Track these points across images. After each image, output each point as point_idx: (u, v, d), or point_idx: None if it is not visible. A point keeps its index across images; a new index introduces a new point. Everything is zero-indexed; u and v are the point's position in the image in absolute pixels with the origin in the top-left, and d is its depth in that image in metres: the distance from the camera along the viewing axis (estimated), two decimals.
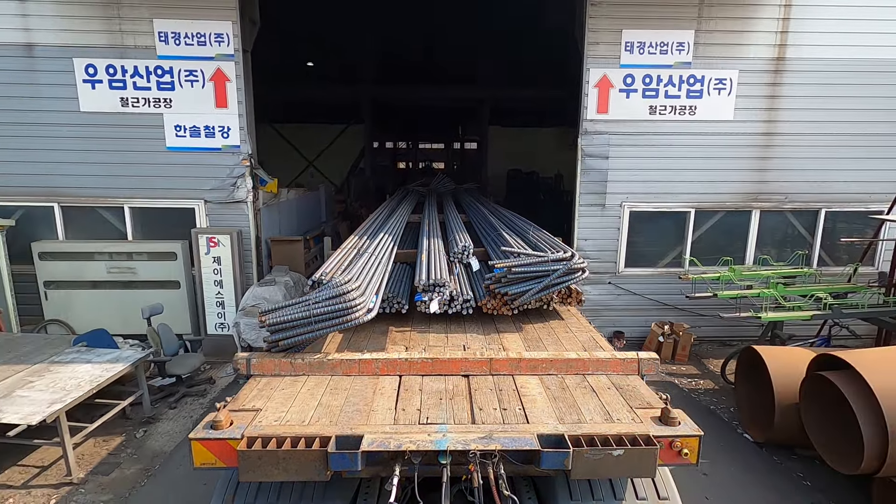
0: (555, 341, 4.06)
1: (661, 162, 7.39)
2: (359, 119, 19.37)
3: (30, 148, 6.97)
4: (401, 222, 6.63)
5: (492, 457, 2.57)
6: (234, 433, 2.69)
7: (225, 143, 7.05)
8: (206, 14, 6.70)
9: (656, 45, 7.08)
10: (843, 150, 7.43)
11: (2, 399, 4.50)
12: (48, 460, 4.98)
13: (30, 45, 6.72)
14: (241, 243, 7.21)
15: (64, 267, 7.13)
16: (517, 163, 19.90)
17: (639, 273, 7.72)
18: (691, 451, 2.73)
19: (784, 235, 7.81)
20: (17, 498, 4.44)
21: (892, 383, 3.83)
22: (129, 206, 7.22)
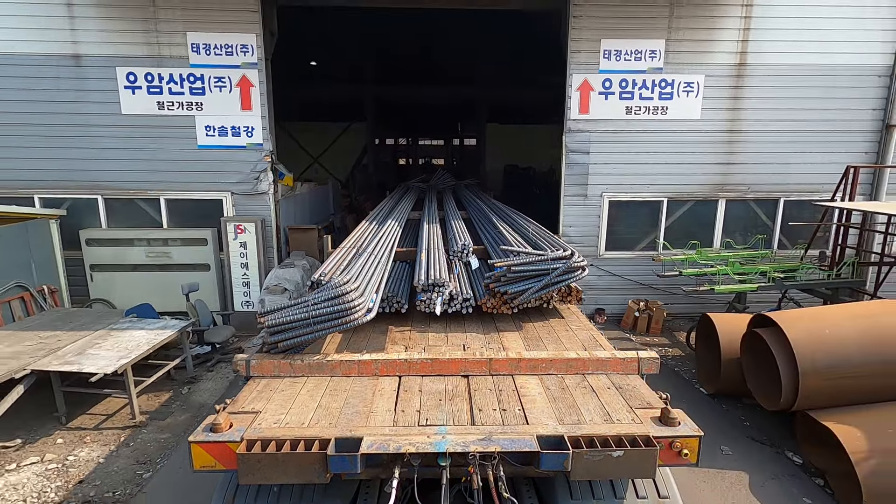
0: (555, 340, 4.05)
1: (637, 156, 8.30)
2: (361, 117, 20.26)
3: (76, 147, 7.87)
4: (400, 220, 6.77)
5: (491, 458, 2.57)
6: (233, 436, 2.69)
7: (249, 141, 7.96)
8: (233, 28, 7.60)
9: (631, 52, 7.97)
10: (798, 146, 8.33)
11: (78, 356, 5.43)
12: (111, 410, 5.92)
13: (78, 56, 7.61)
14: (265, 230, 8.14)
15: (107, 252, 8.06)
16: (514, 158, 20.78)
17: (617, 256, 8.64)
18: (691, 452, 2.72)
19: (747, 222, 8.73)
20: (92, 436, 5.38)
21: (803, 334, 4.76)
22: (165, 197, 8.13)
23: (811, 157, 8.35)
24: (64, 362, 5.27)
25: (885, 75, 8.12)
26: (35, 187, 7.95)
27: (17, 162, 7.85)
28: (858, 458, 4.05)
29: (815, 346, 4.69)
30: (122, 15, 7.50)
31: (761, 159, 8.38)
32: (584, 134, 8.22)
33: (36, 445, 5.18)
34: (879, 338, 4.58)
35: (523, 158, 20.54)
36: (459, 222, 6.40)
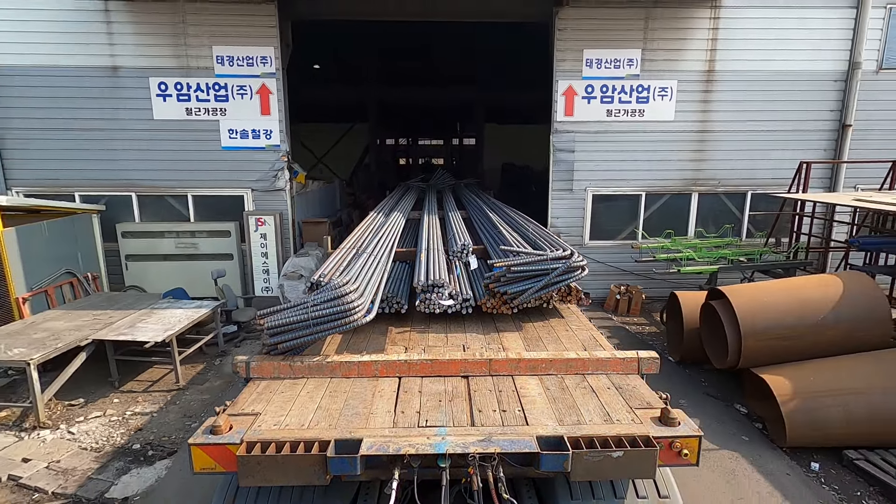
0: (554, 340, 4.06)
1: (617, 154, 9.18)
2: (364, 118, 21.14)
3: (113, 149, 8.76)
4: (400, 219, 6.85)
5: (491, 459, 2.58)
6: (233, 438, 2.70)
7: (268, 143, 8.86)
8: (253, 41, 8.48)
9: (611, 61, 8.86)
10: (763, 144, 9.21)
11: (129, 329, 6.33)
12: (155, 377, 6.82)
13: (115, 68, 8.51)
14: (282, 223, 9.03)
15: (140, 243, 8.95)
16: (512, 157, 21.64)
17: (601, 244, 9.53)
18: (691, 452, 2.72)
19: (719, 213, 9.60)
20: (143, 397, 6.28)
21: (746, 304, 5.64)
22: (192, 194, 9.03)
23: (775, 154, 9.22)
24: (119, 333, 6.17)
25: (840, 80, 9.00)
26: (75, 186, 8.84)
27: (60, 163, 8.74)
28: (783, 400, 4.94)
29: (755, 314, 5.58)
30: (155, 31, 8.39)
31: (730, 156, 9.26)
32: (569, 134, 9.11)
33: (96, 404, 6.08)
34: (804, 306, 5.48)
35: (520, 157, 21.38)
36: (459, 222, 6.46)
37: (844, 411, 4.82)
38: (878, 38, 8.86)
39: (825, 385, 4.97)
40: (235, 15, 8.37)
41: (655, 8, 8.66)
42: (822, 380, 5.03)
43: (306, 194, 10.37)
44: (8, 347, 5.60)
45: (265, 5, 8.35)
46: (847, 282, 5.62)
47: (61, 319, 6.56)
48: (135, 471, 4.80)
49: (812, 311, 5.47)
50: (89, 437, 5.35)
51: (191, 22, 8.36)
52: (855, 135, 9.11)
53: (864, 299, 5.45)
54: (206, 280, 8.49)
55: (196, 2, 8.27)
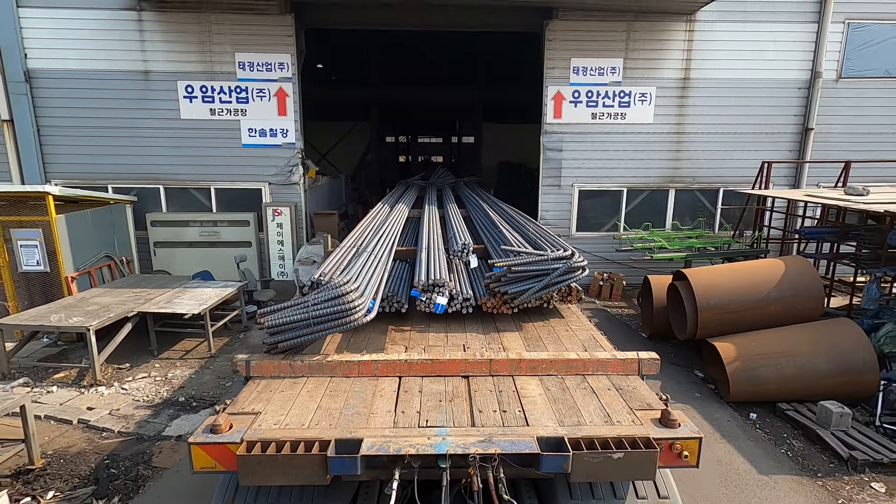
0: (555, 340, 4.07)
1: (601, 153, 10.10)
2: (366, 117, 22.02)
3: (144, 145, 9.64)
4: (400, 218, 6.90)
5: (491, 460, 2.57)
6: (233, 437, 2.70)
7: (284, 140, 9.75)
8: (272, 49, 9.36)
9: (596, 69, 9.76)
10: (734, 145, 10.13)
11: (168, 303, 7.23)
12: (188, 348, 7.73)
13: (147, 72, 9.38)
14: (296, 214, 9.93)
15: (168, 231, 9.85)
16: (508, 156, 22.51)
17: (586, 235, 10.45)
18: (691, 454, 2.71)
19: (694, 208, 10.53)
20: (180, 363, 7.19)
21: (703, 283, 6.56)
22: (214, 187, 9.92)
23: (745, 154, 10.14)
24: (159, 307, 7.08)
25: (803, 88, 9.91)
26: (109, 179, 9.73)
27: (96, 158, 9.62)
28: (728, 362, 5.87)
29: (710, 292, 6.51)
30: (183, 39, 9.26)
31: (704, 156, 10.18)
32: (557, 135, 10.02)
33: (140, 368, 6.99)
34: (751, 285, 6.41)
35: (517, 155, 22.23)
36: (459, 221, 6.50)
37: (777, 371, 5.75)
38: (838, 49, 9.78)
39: (763, 350, 5.91)
40: (256, 25, 9.25)
41: (636, 21, 9.56)
42: (762, 346, 5.97)
43: (317, 188, 11.26)
44: (67, 316, 6.51)
45: (283, 16, 9.23)
46: (788, 265, 6.55)
47: (106, 296, 7.47)
48: (183, 416, 5.71)
49: (757, 290, 6.40)
50: (140, 392, 6.27)
51: (215, 31, 9.23)
52: (817, 137, 10.03)
53: (801, 279, 6.38)
54: (226, 265, 9.39)
55: (221, 13, 9.15)
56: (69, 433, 5.37)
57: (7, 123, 9.27)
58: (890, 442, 5.02)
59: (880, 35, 9.79)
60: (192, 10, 9.14)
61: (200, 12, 9.16)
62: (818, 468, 4.84)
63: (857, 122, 10.04)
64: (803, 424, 5.39)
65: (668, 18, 9.57)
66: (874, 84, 9.96)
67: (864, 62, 9.88)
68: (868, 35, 9.78)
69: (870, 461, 4.78)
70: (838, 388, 5.61)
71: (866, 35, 9.78)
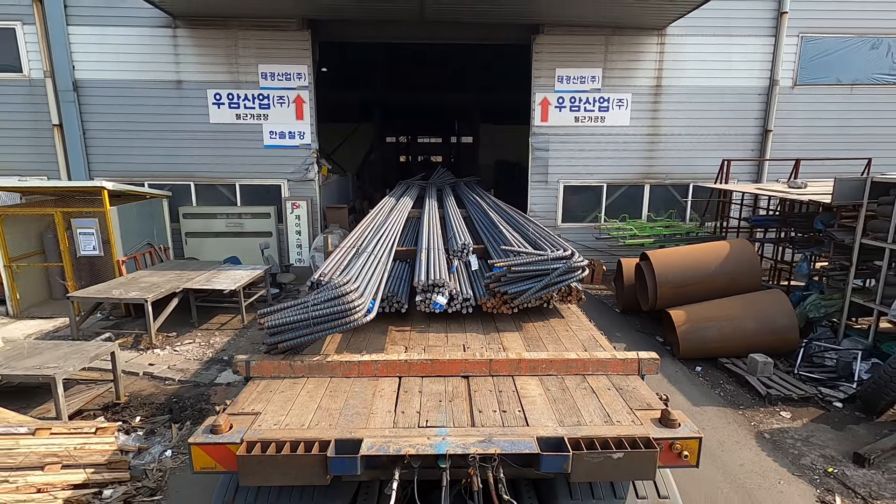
0: (555, 340, 4.08)
1: (584, 153, 11.32)
2: (369, 119, 23.22)
3: (177, 147, 10.86)
4: (400, 218, 6.99)
5: (491, 460, 2.58)
6: (233, 437, 2.72)
7: (301, 142, 10.97)
8: (291, 61, 10.58)
9: (578, 77, 10.98)
10: (702, 145, 11.35)
11: (207, 282, 8.44)
12: (223, 321, 8.95)
13: (179, 82, 10.60)
14: (312, 207, 11.15)
15: (198, 223, 11.06)
16: (505, 155, 23.73)
17: (571, 226, 11.67)
18: (691, 454, 2.73)
19: (667, 201, 11.75)
20: (217, 333, 8.41)
21: (662, 262, 7.78)
22: (239, 183, 11.14)
23: (712, 153, 11.35)
24: (201, 284, 8.30)
25: (763, 94, 11.14)
26: (145, 176, 10.94)
27: (134, 157, 10.84)
28: (679, 325, 7.10)
29: (668, 269, 7.74)
30: (213, 52, 10.48)
31: (675, 155, 11.40)
32: (544, 136, 11.24)
33: (184, 336, 8.21)
34: (701, 263, 7.64)
35: (513, 155, 23.44)
36: (459, 221, 6.56)
37: (719, 332, 6.98)
38: (793, 60, 11.00)
39: (708, 315, 7.14)
40: (277, 40, 10.47)
41: (613, 35, 10.79)
42: (707, 312, 7.19)
43: (328, 184, 12.48)
44: (126, 291, 7.72)
45: (301, 32, 10.46)
46: (733, 246, 7.78)
47: (153, 276, 8.68)
48: (228, 370, 6.93)
49: (706, 267, 7.63)
50: (189, 353, 7.50)
51: (241, 45, 10.45)
52: (775, 138, 11.26)
53: (742, 258, 7.61)
54: (250, 253, 10.61)
55: (246, 29, 10.37)
56: (138, 382, 6.60)
57: (57, 128, 10.49)
58: (802, 384, 6.24)
59: (831, 47, 11.02)
60: (221, 27, 10.35)
61: (228, 29, 10.38)
62: (741, 403, 6.07)
63: (811, 125, 11.26)
64: (736, 373, 6.62)
65: (642, 33, 10.79)
66: (826, 90, 11.18)
67: (816, 71, 11.10)
68: (820, 47, 11.01)
69: (782, 396, 6.01)
70: (766, 345, 6.84)
71: (818, 47, 11.00)
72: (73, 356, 5.36)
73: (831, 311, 7.28)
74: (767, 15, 10.79)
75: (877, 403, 5.54)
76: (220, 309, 9.09)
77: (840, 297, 7.20)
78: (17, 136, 10.48)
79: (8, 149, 10.49)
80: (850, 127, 11.25)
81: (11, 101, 10.35)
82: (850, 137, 11.24)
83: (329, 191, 12.56)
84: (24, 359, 5.27)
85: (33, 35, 10.13)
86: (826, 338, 7.08)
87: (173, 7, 9.89)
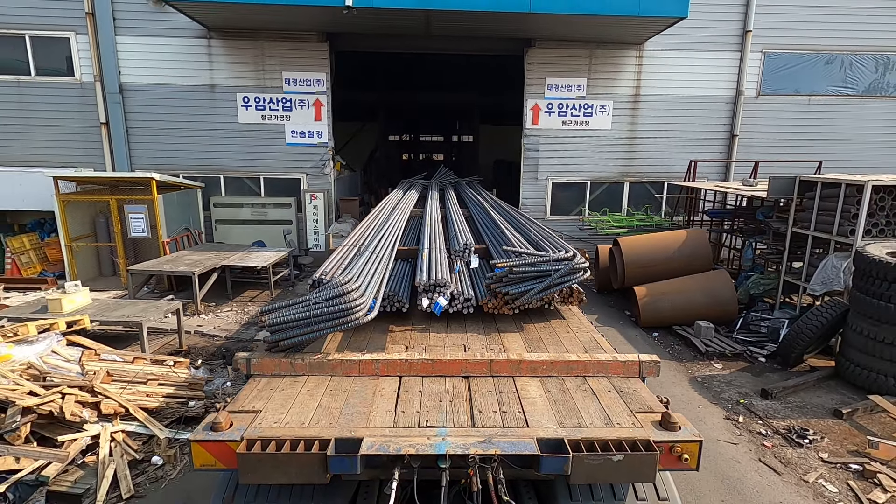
0: (556, 342, 4.08)
1: (570, 153, 12.70)
2: (374, 118, 24.58)
3: (209, 144, 12.24)
4: (402, 217, 7.02)
5: (491, 461, 2.59)
6: (233, 435, 2.74)
7: (319, 141, 12.35)
8: (311, 69, 11.96)
9: (565, 86, 12.36)
10: (676, 147, 12.73)
11: (241, 260, 9.83)
12: (253, 295, 10.34)
13: (212, 86, 11.98)
14: (327, 198, 12.55)
15: (226, 211, 12.45)
16: (503, 154, 25.08)
17: (558, 218, 13.06)
18: (691, 457, 2.74)
19: (645, 197, 13.13)
20: (250, 304, 9.80)
21: (629, 246, 9.17)
22: (263, 177, 12.53)
23: (684, 155, 12.73)
24: (237, 262, 9.70)
25: (730, 102, 12.52)
26: (181, 169, 12.32)
27: (171, 152, 12.22)
28: (640, 298, 8.49)
29: (635, 252, 9.14)
30: (242, 60, 11.86)
31: (652, 156, 12.78)
32: (535, 138, 12.63)
33: (222, 306, 9.60)
34: (661, 247, 9.04)
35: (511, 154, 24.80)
36: (461, 221, 6.61)
37: (672, 304, 8.38)
38: (757, 73, 12.38)
39: (664, 290, 8.53)
40: (299, 50, 11.85)
41: (597, 49, 12.16)
42: (665, 288, 8.59)
43: (341, 179, 13.87)
44: (174, 267, 9.11)
45: (320, 43, 11.84)
46: (689, 233, 9.18)
47: (194, 255, 10.08)
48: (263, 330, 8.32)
49: (666, 251, 9.03)
50: (228, 318, 8.91)
51: (268, 55, 11.84)
52: (741, 142, 12.65)
53: (696, 244, 9.01)
54: (273, 238, 11.99)
55: (272, 41, 11.75)
56: (191, 338, 8.00)
57: (104, 125, 11.87)
58: (736, 345, 7.64)
59: (791, 62, 12.39)
60: (250, 38, 11.73)
61: (256, 40, 11.76)
62: (685, 358, 7.48)
63: (772, 130, 12.64)
64: (685, 337, 8.02)
65: (623, 47, 12.16)
66: (786, 100, 12.56)
67: (777, 83, 12.48)
68: (781, 62, 12.38)
69: (717, 353, 7.42)
70: (712, 315, 8.23)
71: (779, 62, 12.38)
72: (151, 310, 6.77)
73: (769, 288, 8.70)
74: (734, 33, 12.17)
75: (789, 355, 6.94)
76: (249, 284, 10.50)
77: (776, 277, 8.62)
78: (69, 132, 11.87)
79: (62, 143, 11.88)
80: (808, 132, 12.64)
81: (65, 101, 11.73)
82: (807, 142, 12.63)
83: (342, 184, 13.95)
84: (112, 311, 6.68)
85: (85, 44, 11.50)
86: (763, 310, 8.49)
87: (209, 21, 11.26)
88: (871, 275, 6.11)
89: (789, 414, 5.88)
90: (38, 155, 11.83)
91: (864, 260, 6.22)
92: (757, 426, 5.66)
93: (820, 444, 5.29)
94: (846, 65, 12.39)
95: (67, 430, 4.49)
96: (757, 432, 5.54)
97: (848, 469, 4.88)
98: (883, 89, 12.53)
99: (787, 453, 5.15)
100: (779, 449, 5.23)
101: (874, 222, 7.21)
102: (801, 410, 5.96)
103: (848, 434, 5.47)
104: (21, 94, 11.64)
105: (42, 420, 4.38)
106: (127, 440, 4.65)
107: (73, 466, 4.37)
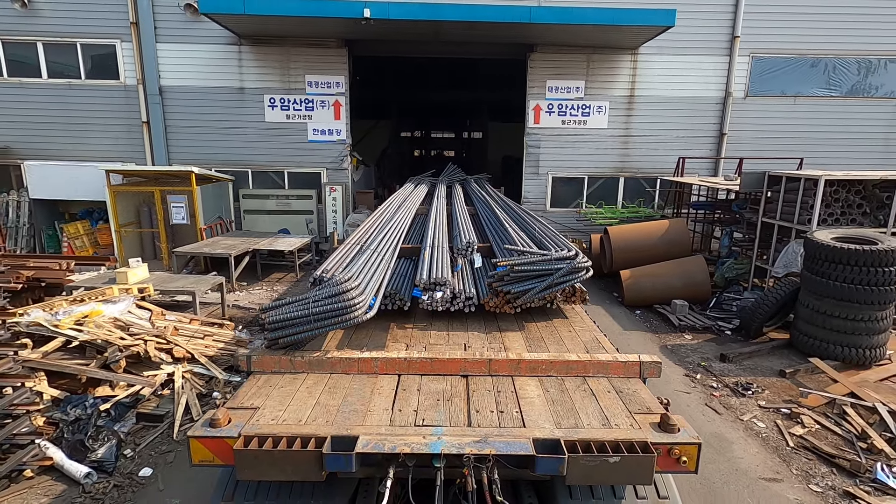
0: (557, 341, 4.06)
1: (569, 150, 13.71)
2: (386, 116, 25.71)
3: (239, 141, 13.46)
4: (408, 215, 7.07)
5: (486, 461, 2.59)
6: (231, 432, 2.76)
7: (338, 138, 13.52)
8: (331, 72, 13.11)
9: (565, 88, 13.36)
10: (668, 145, 13.67)
11: (270, 245, 11.03)
12: (279, 277, 11.56)
13: (242, 88, 13.19)
14: (345, 191, 13.72)
15: (253, 202, 13.67)
16: (511, 151, 26.03)
17: (557, 210, 14.08)
18: (690, 459, 2.72)
19: (639, 191, 14.10)
20: (278, 284, 11.01)
21: (617, 234, 10.20)
22: (287, 171, 13.74)
23: (675, 152, 13.66)
24: (267, 247, 10.91)
25: (719, 103, 13.42)
26: (213, 163, 13.55)
27: (204, 148, 13.47)
28: (625, 280, 9.54)
29: (622, 239, 10.17)
30: (269, 64, 13.05)
31: (645, 153, 13.74)
32: (537, 136, 13.66)
33: (253, 285, 10.81)
34: (645, 235, 10.05)
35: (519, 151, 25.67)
36: (466, 219, 6.63)
37: (652, 285, 9.41)
38: (745, 75, 13.26)
39: (647, 273, 9.56)
40: (321, 55, 13.00)
41: (594, 54, 13.14)
42: (647, 271, 9.62)
43: (357, 173, 15.03)
44: (212, 250, 10.34)
45: (340, 49, 12.98)
46: (670, 223, 10.19)
47: (228, 240, 11.31)
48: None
49: (650, 238, 10.05)
50: (260, 295, 10.12)
51: (293, 59, 13.01)
52: (729, 140, 13.55)
53: (677, 232, 10.01)
54: (296, 227, 13.19)
55: (297, 47, 12.92)
56: (230, 311, 9.21)
57: (145, 124, 13.15)
58: (706, 320, 8.66)
59: (777, 65, 13.26)
60: (277, 45, 12.91)
61: (282, 46, 12.93)
62: (660, 331, 8.52)
63: (759, 129, 13.52)
64: (662, 313, 9.06)
65: (618, 52, 13.13)
66: (772, 101, 13.43)
67: (764, 85, 13.35)
68: (767, 65, 13.25)
69: (689, 326, 8.45)
70: (688, 295, 9.24)
71: (766, 65, 13.25)
72: (201, 283, 7.99)
73: (742, 272, 9.69)
74: (723, 38, 13.06)
75: (750, 326, 7.94)
76: (276, 267, 11.72)
77: (748, 262, 9.60)
78: (115, 130, 13.17)
79: (108, 140, 13.19)
80: (792, 131, 13.50)
81: (111, 102, 13.02)
82: (792, 140, 13.49)
83: (358, 178, 15.11)
84: (169, 283, 7.91)
85: (129, 50, 12.77)
86: (736, 291, 9.48)
87: (240, 29, 12.45)
88: (817, 257, 7.09)
89: (741, 374, 6.91)
90: (87, 150, 13.15)
91: (811, 244, 7.20)
92: (710, 382, 6.70)
93: (761, 395, 6.33)
94: (830, 68, 13.23)
95: (148, 368, 5.70)
96: (709, 386, 6.59)
97: (779, 412, 5.92)
98: (865, 91, 13.35)
99: (731, 401, 6.20)
100: (724, 398, 6.28)
101: (830, 212, 8.17)
102: (752, 371, 6.99)
103: (787, 388, 6.49)
104: (72, 96, 12.95)
105: (130, 359, 5.59)
106: (194, 378, 5.85)
107: (154, 396, 5.58)
